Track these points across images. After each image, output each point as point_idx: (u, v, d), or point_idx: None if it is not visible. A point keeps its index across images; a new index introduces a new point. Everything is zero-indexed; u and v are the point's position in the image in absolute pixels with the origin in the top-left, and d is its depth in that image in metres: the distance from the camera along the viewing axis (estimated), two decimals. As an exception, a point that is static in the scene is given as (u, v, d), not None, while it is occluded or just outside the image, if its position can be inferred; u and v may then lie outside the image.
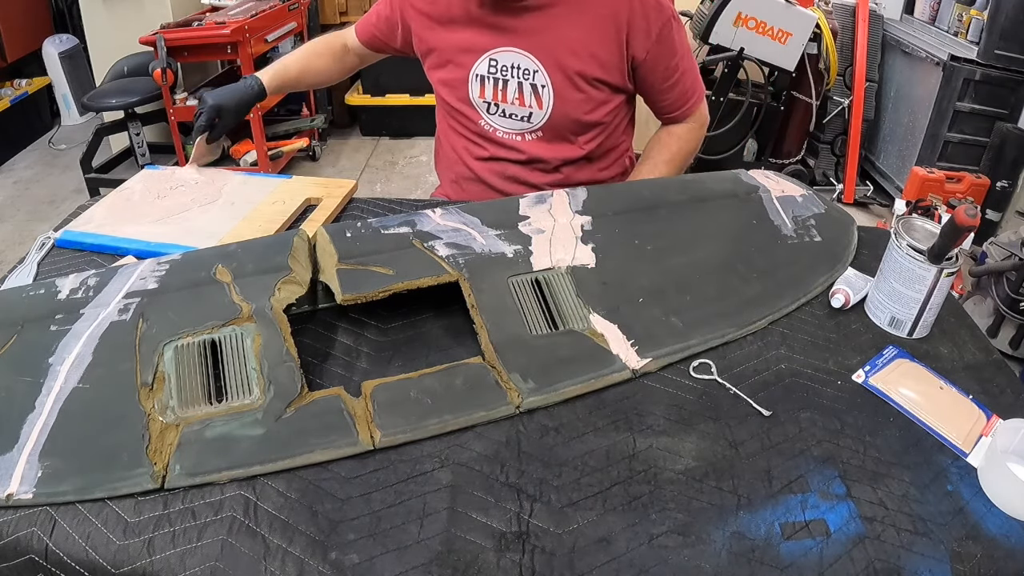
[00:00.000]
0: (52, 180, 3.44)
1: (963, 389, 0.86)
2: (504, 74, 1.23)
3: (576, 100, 1.23)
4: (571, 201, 1.05)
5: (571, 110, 1.24)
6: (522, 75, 1.22)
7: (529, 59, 1.21)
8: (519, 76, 1.22)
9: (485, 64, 1.23)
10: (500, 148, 1.31)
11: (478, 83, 1.25)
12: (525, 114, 1.25)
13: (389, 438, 0.74)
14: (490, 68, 1.23)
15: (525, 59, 1.21)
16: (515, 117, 1.26)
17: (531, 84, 1.22)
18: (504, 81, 1.23)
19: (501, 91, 1.24)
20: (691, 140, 1.36)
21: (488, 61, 1.22)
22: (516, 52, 1.21)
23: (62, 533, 0.65)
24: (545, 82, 1.21)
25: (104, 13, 3.15)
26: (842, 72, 3.32)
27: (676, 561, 0.65)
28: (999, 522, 0.70)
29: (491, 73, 1.23)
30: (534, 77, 1.21)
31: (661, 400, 0.82)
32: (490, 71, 1.23)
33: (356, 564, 0.63)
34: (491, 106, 1.27)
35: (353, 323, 0.92)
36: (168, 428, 0.73)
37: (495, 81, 1.24)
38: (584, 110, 1.25)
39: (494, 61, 1.22)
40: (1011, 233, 2.28)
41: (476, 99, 1.27)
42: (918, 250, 0.91)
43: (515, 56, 1.21)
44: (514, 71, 1.22)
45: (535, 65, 1.21)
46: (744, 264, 1.00)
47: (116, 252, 1.07)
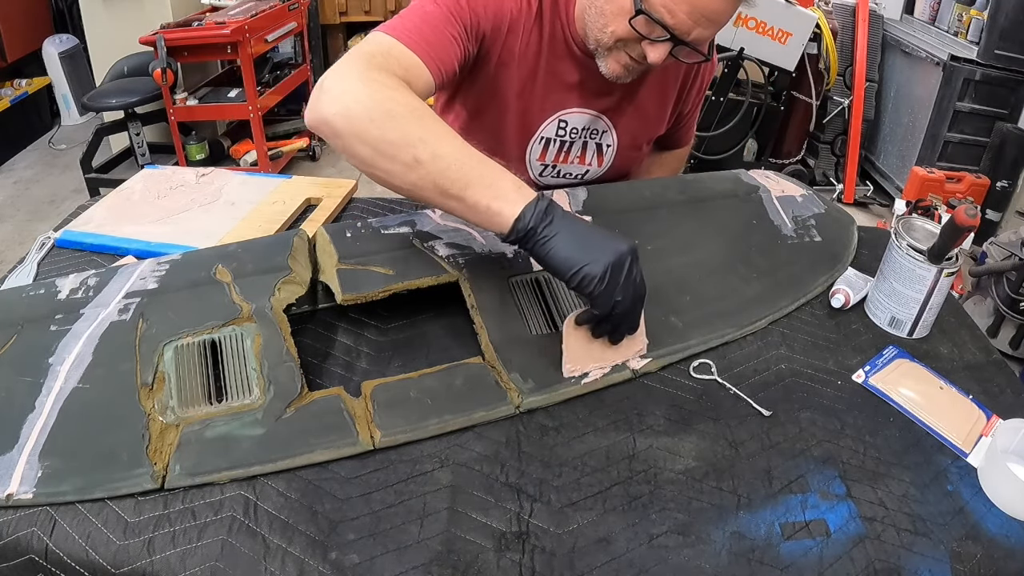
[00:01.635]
0: (52, 180, 3.44)
1: (963, 389, 0.86)
2: (572, 136, 1.13)
3: (635, 158, 1.23)
4: (571, 201, 1.05)
5: (626, 166, 1.23)
6: (589, 135, 1.14)
7: (601, 120, 1.13)
8: (586, 136, 1.14)
9: (554, 126, 1.11)
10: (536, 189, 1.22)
11: (541, 145, 1.13)
12: (582, 172, 1.19)
13: (389, 438, 0.74)
14: (559, 131, 1.12)
15: (596, 120, 1.13)
16: (569, 176, 1.19)
17: (596, 143, 1.16)
18: (570, 143, 1.14)
19: (564, 153, 1.15)
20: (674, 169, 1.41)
21: (558, 122, 1.11)
22: (590, 114, 1.12)
23: (62, 533, 0.65)
24: (612, 142, 1.16)
25: (104, 13, 3.15)
26: (842, 72, 3.32)
27: (676, 561, 0.65)
28: (999, 522, 0.70)
29: (559, 136, 1.12)
30: (602, 137, 1.15)
31: (661, 400, 0.82)
32: (558, 133, 1.12)
33: (356, 564, 0.63)
34: (547, 168, 1.17)
35: (353, 323, 0.92)
36: (168, 428, 0.73)
37: (560, 143, 1.13)
38: (636, 164, 1.26)
39: (563, 123, 1.11)
40: (1011, 233, 2.29)
41: (533, 161, 1.15)
42: (918, 250, 0.91)
43: (589, 119, 1.12)
44: (583, 132, 1.14)
45: (606, 126, 1.14)
46: (744, 264, 1.00)
47: (116, 252, 1.06)
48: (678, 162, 1.42)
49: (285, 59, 3.74)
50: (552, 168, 1.17)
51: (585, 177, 1.21)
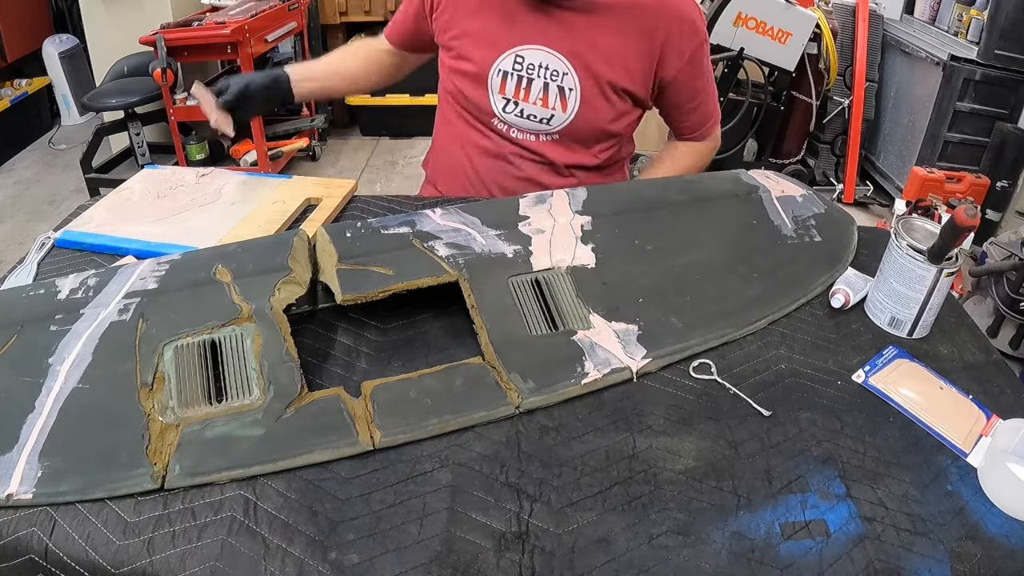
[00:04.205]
0: (52, 180, 3.44)
1: (963, 389, 0.86)
2: (530, 72, 1.19)
3: (602, 109, 1.22)
4: (571, 201, 1.05)
5: (595, 118, 1.22)
6: (549, 76, 1.18)
7: (560, 61, 1.17)
8: (546, 76, 1.18)
9: (510, 60, 1.19)
10: (511, 146, 1.27)
11: (499, 78, 1.21)
12: (546, 116, 1.22)
13: (389, 438, 0.74)
14: (515, 64, 1.19)
15: (555, 60, 1.17)
16: (533, 118, 1.23)
17: (558, 86, 1.19)
18: (529, 79, 1.19)
19: (524, 89, 1.20)
20: (703, 157, 1.37)
21: (514, 57, 1.19)
22: (546, 52, 1.17)
23: (62, 533, 0.65)
24: (574, 86, 1.19)
25: (104, 13, 3.15)
26: (842, 72, 3.32)
27: (676, 561, 0.65)
28: (999, 522, 0.70)
29: (515, 70, 1.19)
30: (562, 79, 1.18)
31: (661, 400, 0.82)
32: (515, 68, 1.19)
33: (356, 564, 0.63)
34: (509, 103, 1.22)
35: (353, 323, 0.92)
36: (168, 428, 0.73)
37: (519, 78, 1.20)
38: (607, 119, 1.23)
39: (520, 58, 1.18)
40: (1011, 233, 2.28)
41: (495, 94, 1.22)
42: (918, 250, 0.91)
43: (544, 56, 1.17)
44: (541, 70, 1.18)
45: (565, 67, 1.17)
46: (744, 264, 1.00)
47: (116, 252, 1.06)
48: (692, 158, 1.36)
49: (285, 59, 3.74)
50: (515, 105, 1.22)
51: (551, 122, 1.22)
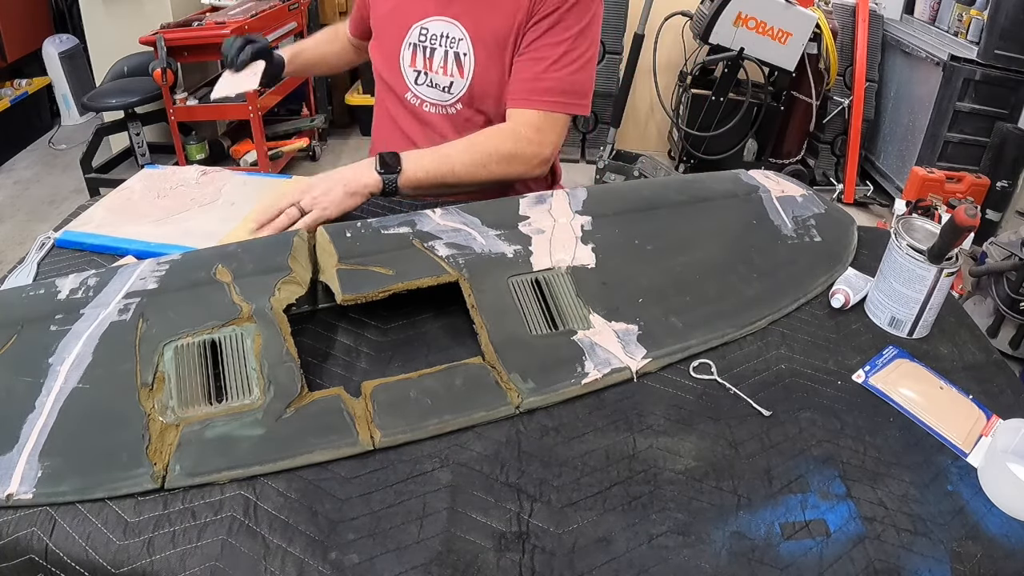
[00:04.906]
0: (52, 180, 3.44)
1: (963, 389, 0.86)
2: (433, 42, 1.23)
3: (496, 71, 1.21)
4: (571, 201, 1.05)
5: (490, 80, 1.22)
6: (449, 44, 1.22)
7: (456, 27, 1.21)
8: (446, 44, 1.22)
9: (416, 32, 1.24)
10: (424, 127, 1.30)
11: (409, 51, 1.25)
12: (447, 84, 1.24)
13: (389, 438, 0.74)
14: (420, 36, 1.24)
15: (453, 27, 1.21)
16: (438, 87, 1.25)
17: (455, 52, 1.22)
18: (432, 49, 1.23)
19: (428, 59, 1.24)
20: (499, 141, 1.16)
21: (419, 30, 1.23)
22: (445, 21, 1.21)
23: (62, 533, 0.65)
24: (467, 50, 1.20)
25: (104, 13, 3.15)
26: (842, 72, 3.32)
27: (676, 561, 0.65)
28: (999, 522, 0.70)
29: (420, 42, 1.24)
30: (458, 45, 1.21)
31: (661, 400, 0.82)
32: (420, 40, 1.24)
33: (356, 564, 0.63)
34: (420, 75, 1.26)
35: (353, 323, 0.92)
36: (168, 428, 0.73)
37: (424, 49, 1.24)
38: (498, 82, 1.22)
39: (424, 29, 1.23)
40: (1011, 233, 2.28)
41: (406, 68, 1.26)
42: (918, 250, 0.91)
43: (444, 25, 1.21)
44: (442, 39, 1.22)
45: (461, 33, 1.20)
46: (744, 264, 1.00)
47: (116, 252, 1.06)
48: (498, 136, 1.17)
49: (285, 59, 3.74)
50: (424, 75, 1.26)
51: (451, 89, 1.24)
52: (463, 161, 1.14)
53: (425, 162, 1.12)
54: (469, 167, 1.14)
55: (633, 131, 3.83)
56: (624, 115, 3.40)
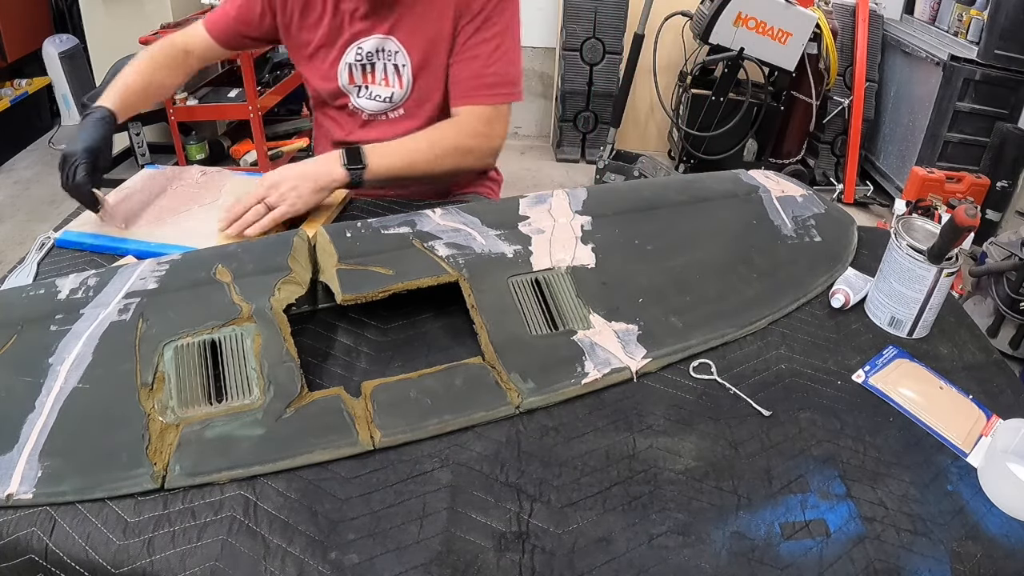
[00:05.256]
0: (52, 180, 3.43)
1: (963, 389, 0.86)
2: (371, 59, 1.28)
3: (433, 78, 1.27)
4: (571, 201, 1.05)
5: (428, 90, 1.28)
6: (386, 57, 1.27)
7: (391, 41, 1.26)
8: (384, 58, 1.28)
9: (353, 53, 1.28)
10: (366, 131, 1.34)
11: (347, 71, 1.30)
12: (388, 94, 1.30)
13: (389, 438, 0.74)
14: (356, 56, 1.28)
15: (387, 42, 1.26)
16: (379, 98, 1.31)
17: (394, 64, 1.28)
18: (372, 64, 1.29)
19: (369, 74, 1.30)
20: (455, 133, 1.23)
21: (356, 50, 1.27)
22: (378, 37, 1.26)
23: (62, 533, 0.65)
24: (405, 61, 1.27)
25: (104, 13, 3.15)
26: (842, 72, 3.32)
27: (676, 561, 0.65)
28: (999, 522, 0.70)
29: (358, 60, 1.28)
30: (396, 57, 1.27)
31: (661, 400, 0.82)
32: (356, 59, 1.28)
33: (356, 564, 0.63)
34: (360, 89, 1.31)
35: (353, 323, 0.92)
36: (168, 428, 0.73)
37: (362, 66, 1.29)
38: (438, 89, 1.28)
39: (360, 49, 1.27)
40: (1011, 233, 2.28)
41: (346, 85, 1.31)
42: (918, 250, 0.91)
43: (378, 41, 1.26)
44: (379, 54, 1.27)
45: (396, 46, 1.26)
46: (744, 264, 1.00)
47: (116, 252, 1.06)
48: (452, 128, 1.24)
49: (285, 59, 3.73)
50: (365, 89, 1.32)
51: (393, 99, 1.30)
52: (424, 156, 1.21)
53: (388, 156, 1.18)
54: (429, 161, 1.21)
55: (633, 131, 3.83)
56: (624, 115, 3.40)
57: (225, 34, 1.37)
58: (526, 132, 3.97)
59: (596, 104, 3.62)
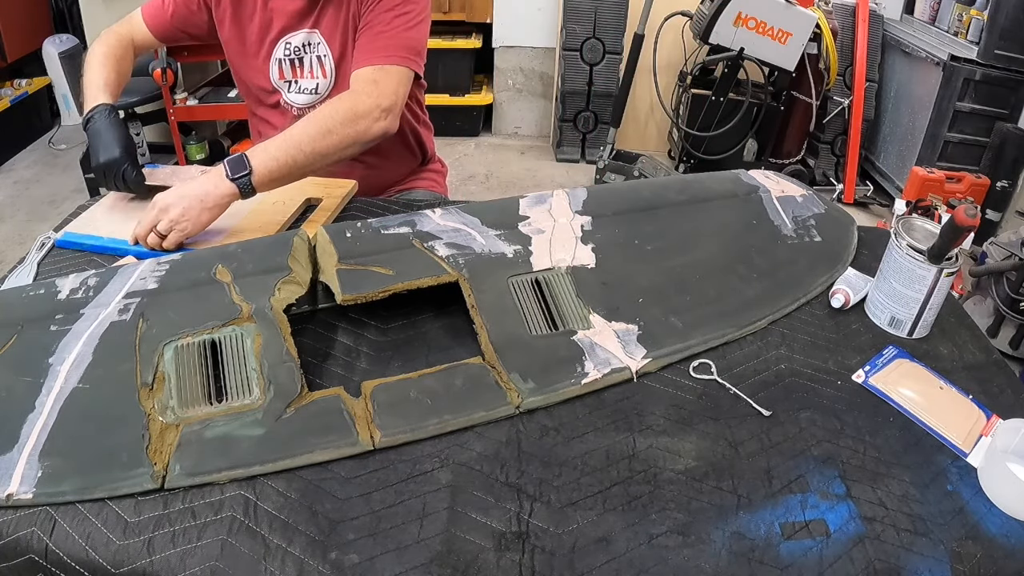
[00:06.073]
0: (52, 180, 3.44)
1: (963, 389, 0.86)
2: (298, 53, 1.33)
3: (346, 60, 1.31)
4: (571, 201, 1.05)
5: (345, 71, 1.31)
6: (311, 50, 1.33)
7: (315, 34, 1.31)
8: (311, 52, 1.33)
9: (282, 48, 1.33)
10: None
11: (277, 67, 1.35)
12: (313, 86, 1.35)
13: (389, 438, 0.74)
14: (285, 50, 1.33)
15: (312, 35, 1.31)
16: (307, 91, 1.36)
17: (317, 56, 1.33)
18: (300, 59, 1.34)
19: (298, 68, 1.34)
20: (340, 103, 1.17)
21: (284, 45, 1.32)
22: (304, 31, 1.31)
23: (62, 533, 0.65)
24: (326, 52, 1.32)
25: (104, 13, 3.15)
26: (842, 72, 3.32)
27: (676, 561, 0.65)
28: (999, 522, 0.70)
29: (287, 55, 1.33)
30: (318, 49, 1.32)
31: (661, 400, 0.82)
32: (286, 53, 1.33)
33: (356, 564, 0.63)
34: (290, 85, 1.36)
35: (353, 323, 0.92)
36: (168, 428, 0.73)
37: (291, 62, 1.34)
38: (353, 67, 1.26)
39: (288, 43, 1.32)
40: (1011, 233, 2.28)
41: (276, 81, 1.36)
42: (918, 250, 0.91)
43: (304, 35, 1.31)
44: (306, 48, 1.33)
45: (319, 39, 1.31)
46: (744, 264, 1.00)
47: (116, 252, 1.06)
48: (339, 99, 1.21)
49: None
50: (295, 83, 1.36)
51: (318, 90, 1.35)
52: (308, 133, 1.12)
53: (272, 151, 1.11)
54: (315, 138, 1.12)
55: (633, 131, 3.83)
56: (624, 115, 3.40)
57: (162, 28, 1.41)
58: (526, 132, 3.97)
59: (596, 104, 3.62)
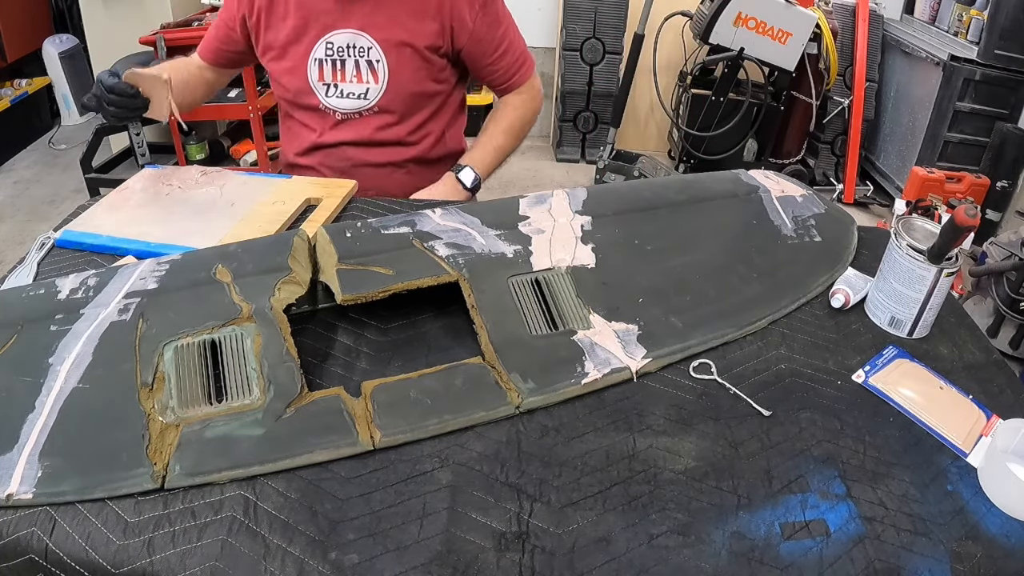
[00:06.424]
0: (52, 180, 3.44)
1: (963, 389, 0.86)
2: (341, 54, 1.30)
3: (410, 72, 1.31)
4: (571, 201, 1.05)
5: (405, 83, 1.32)
6: (358, 53, 1.30)
7: (363, 37, 1.29)
8: (355, 55, 1.30)
9: (322, 48, 1.30)
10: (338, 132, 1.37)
11: (317, 67, 1.32)
12: (362, 91, 1.33)
13: (389, 438, 0.74)
14: (327, 51, 1.30)
15: (359, 38, 1.29)
16: (352, 96, 1.34)
17: (367, 61, 1.30)
18: (342, 61, 1.31)
19: (340, 71, 1.32)
20: (526, 110, 1.45)
21: (325, 45, 1.30)
22: (350, 32, 1.29)
23: (62, 533, 0.65)
24: (380, 57, 1.30)
25: (104, 13, 3.15)
26: (842, 72, 3.32)
27: (676, 561, 0.65)
28: (999, 522, 0.70)
29: (328, 55, 1.30)
30: (368, 54, 1.30)
31: (661, 400, 0.82)
32: (327, 54, 1.30)
33: (356, 564, 0.63)
34: (329, 88, 1.33)
35: (353, 323, 0.92)
36: (168, 428, 0.73)
37: (333, 63, 1.31)
38: (418, 80, 1.34)
39: (330, 44, 1.29)
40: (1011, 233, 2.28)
41: (315, 82, 1.33)
42: (918, 250, 0.91)
43: (349, 36, 1.29)
44: (350, 51, 1.30)
45: (369, 42, 1.29)
46: (744, 264, 1.00)
47: (116, 252, 1.06)
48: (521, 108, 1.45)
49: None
50: (335, 88, 1.33)
51: (368, 95, 1.33)
52: (512, 146, 1.44)
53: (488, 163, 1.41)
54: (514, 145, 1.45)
55: (633, 131, 3.83)
56: (624, 115, 3.40)
57: (214, 55, 1.42)
58: (526, 132, 3.96)
59: (596, 104, 3.62)
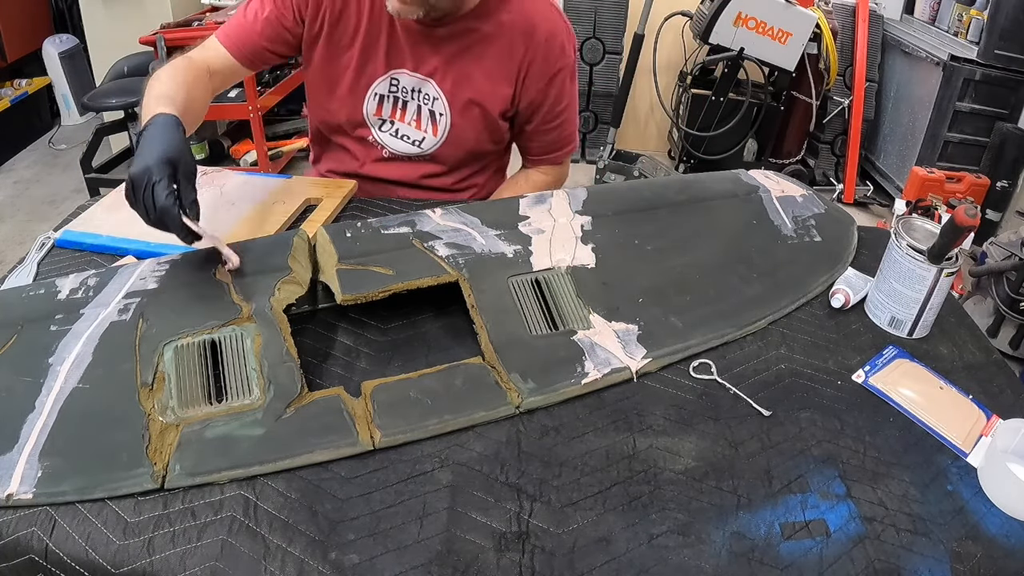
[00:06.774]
0: (52, 180, 3.44)
1: (963, 389, 0.86)
2: (404, 95, 1.23)
3: (470, 133, 1.26)
4: (571, 201, 1.05)
5: (464, 141, 1.26)
6: (422, 99, 1.23)
7: (431, 86, 1.21)
8: (419, 99, 1.23)
9: (386, 83, 1.22)
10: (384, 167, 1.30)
11: (376, 101, 1.24)
12: (419, 138, 1.26)
13: (389, 438, 0.74)
14: (391, 87, 1.22)
15: (427, 85, 1.21)
16: (407, 139, 1.26)
17: (430, 110, 1.23)
18: (404, 102, 1.23)
19: (400, 111, 1.24)
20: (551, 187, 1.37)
21: (390, 81, 1.22)
22: (418, 77, 1.21)
23: (62, 533, 0.65)
24: (444, 111, 1.23)
25: (104, 13, 3.15)
26: (842, 72, 3.32)
27: (676, 561, 0.65)
28: (999, 522, 0.70)
29: (392, 92, 1.23)
30: (433, 104, 1.23)
31: (661, 400, 0.82)
32: (391, 90, 1.23)
33: (356, 564, 0.63)
34: (385, 123, 1.26)
35: (353, 323, 0.92)
36: (168, 428, 0.73)
37: (394, 100, 1.23)
38: (475, 141, 1.27)
39: (395, 81, 1.22)
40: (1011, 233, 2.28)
41: (370, 115, 1.25)
42: (918, 250, 0.91)
43: (416, 80, 1.21)
44: (414, 94, 1.22)
45: (436, 92, 1.21)
46: (744, 264, 1.00)
47: (116, 252, 1.06)
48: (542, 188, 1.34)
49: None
50: (390, 124, 1.26)
51: (422, 144, 1.27)
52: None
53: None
54: None
55: (633, 131, 3.83)
56: (624, 115, 3.40)
57: (247, 47, 1.19)
58: (526, 132, 3.96)
59: (596, 104, 3.62)
